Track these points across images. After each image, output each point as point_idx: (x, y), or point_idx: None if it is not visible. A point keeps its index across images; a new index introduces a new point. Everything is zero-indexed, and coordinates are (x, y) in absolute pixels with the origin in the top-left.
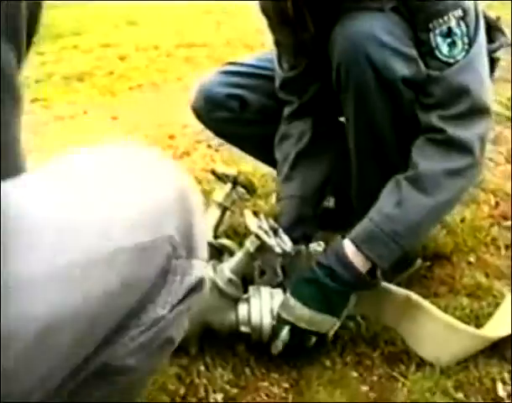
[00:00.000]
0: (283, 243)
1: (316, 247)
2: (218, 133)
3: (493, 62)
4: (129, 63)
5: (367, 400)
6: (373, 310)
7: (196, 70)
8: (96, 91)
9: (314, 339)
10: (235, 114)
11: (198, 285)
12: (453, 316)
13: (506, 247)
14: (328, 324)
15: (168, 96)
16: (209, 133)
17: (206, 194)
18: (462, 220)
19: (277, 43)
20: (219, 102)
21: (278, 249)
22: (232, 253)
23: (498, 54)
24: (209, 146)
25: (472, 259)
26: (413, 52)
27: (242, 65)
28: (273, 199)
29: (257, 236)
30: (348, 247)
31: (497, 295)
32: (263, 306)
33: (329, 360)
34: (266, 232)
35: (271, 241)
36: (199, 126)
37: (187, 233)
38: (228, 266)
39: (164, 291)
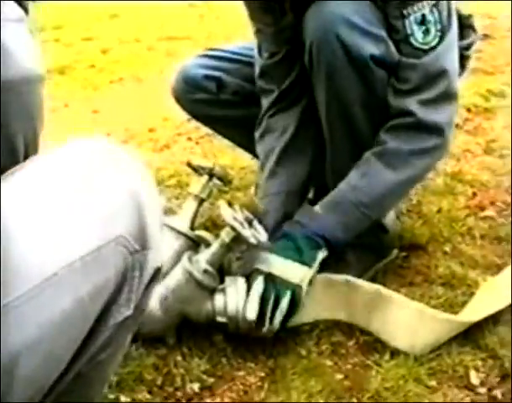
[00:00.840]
0: (258, 234)
1: None
2: (196, 115)
3: (464, 59)
4: (111, 56)
5: (341, 388)
6: (344, 310)
7: (178, 63)
8: (78, 84)
9: (288, 294)
10: (212, 96)
11: (156, 275)
12: (428, 306)
13: (481, 237)
14: (301, 272)
15: (149, 90)
16: (189, 126)
17: (186, 186)
18: (439, 210)
19: (257, 31)
20: (197, 83)
21: (253, 240)
22: (208, 245)
23: (470, 52)
24: (189, 139)
25: (447, 248)
26: (382, 33)
27: (221, 50)
28: (251, 191)
29: (232, 227)
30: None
31: (471, 285)
32: (239, 296)
33: (304, 349)
34: (241, 223)
35: (246, 232)
36: (179, 119)
37: (139, 227)
38: (204, 257)
39: (125, 289)
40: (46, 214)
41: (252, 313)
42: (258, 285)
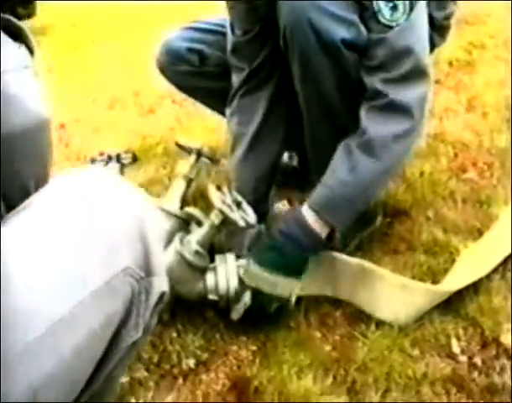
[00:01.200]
0: (246, 216)
1: (280, 206)
2: (180, 86)
3: (444, 29)
4: (93, 16)
5: (329, 359)
6: (328, 286)
7: (162, 25)
8: (60, 45)
9: (275, 304)
10: (195, 68)
11: (161, 299)
12: (411, 274)
13: (463, 200)
14: (289, 287)
15: (133, 52)
16: (173, 89)
17: (173, 155)
18: (421, 174)
19: (230, 8)
20: (180, 55)
21: (241, 223)
22: (199, 222)
23: (449, 22)
24: (173, 101)
25: (430, 213)
26: (354, 17)
27: (204, 22)
28: None
29: (220, 211)
30: (308, 214)
31: (453, 252)
32: (229, 275)
33: (294, 322)
34: (229, 206)
35: (234, 215)
36: (164, 82)
37: (144, 255)
38: (195, 238)
39: (133, 314)
40: (55, 254)
41: (235, 315)
42: (246, 301)
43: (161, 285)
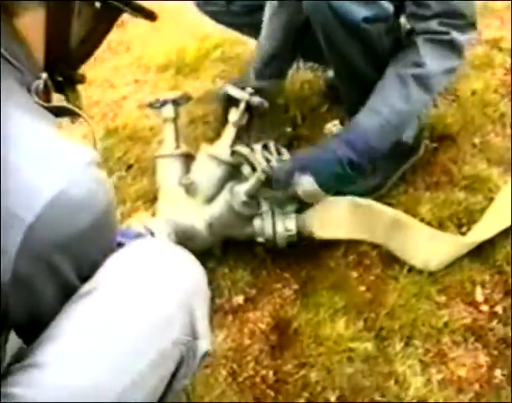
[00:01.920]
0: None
1: (331, 126)
2: (216, 21)
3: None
4: None
5: (362, 301)
6: (366, 231)
7: None
8: None
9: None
10: (224, 8)
11: (205, 356)
12: (449, 212)
13: None
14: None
15: None
16: None
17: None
18: (473, 93)
19: None
20: None
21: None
22: (249, 162)
23: None
24: None
25: (476, 140)
26: None
27: None
28: None
29: (264, 171)
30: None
31: (492, 189)
32: (276, 222)
33: (333, 261)
34: (271, 167)
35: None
36: None
37: (191, 324)
38: (243, 189)
39: (182, 369)
40: (118, 333)
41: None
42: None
43: (205, 345)
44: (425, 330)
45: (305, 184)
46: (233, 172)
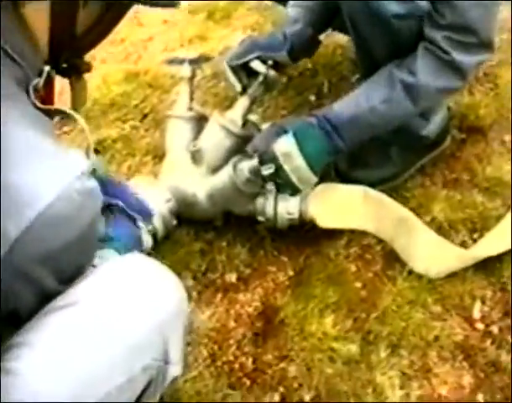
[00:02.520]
0: None
1: None
2: None
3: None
4: None
5: (356, 299)
6: (372, 223)
7: None
8: None
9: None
10: None
11: (174, 381)
12: (463, 216)
13: None
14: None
15: None
16: None
17: None
18: None
19: None
20: None
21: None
22: (259, 130)
23: None
24: None
25: (507, 138)
26: None
27: None
28: None
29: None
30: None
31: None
32: (278, 203)
33: (334, 251)
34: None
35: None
36: None
37: (164, 350)
38: (247, 166)
39: (150, 391)
40: (91, 355)
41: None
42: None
43: (176, 371)
44: (413, 340)
45: (283, 143)
46: (242, 145)
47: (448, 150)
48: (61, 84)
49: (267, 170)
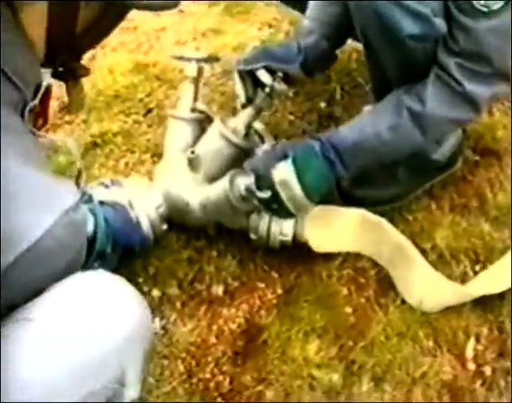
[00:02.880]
0: None
1: None
2: None
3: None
4: None
5: (343, 325)
6: (371, 248)
7: None
8: None
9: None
10: None
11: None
12: (466, 245)
13: None
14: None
15: None
16: None
17: None
18: None
19: None
20: None
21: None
22: (263, 141)
23: None
24: None
25: None
26: (427, 10)
27: None
28: None
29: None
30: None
31: None
32: (272, 223)
33: (326, 271)
34: None
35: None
36: None
37: (121, 373)
38: (244, 182)
39: None
40: (46, 372)
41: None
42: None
43: (132, 394)
44: (399, 375)
45: (281, 170)
46: (242, 156)
47: (460, 172)
48: None
49: (263, 195)
